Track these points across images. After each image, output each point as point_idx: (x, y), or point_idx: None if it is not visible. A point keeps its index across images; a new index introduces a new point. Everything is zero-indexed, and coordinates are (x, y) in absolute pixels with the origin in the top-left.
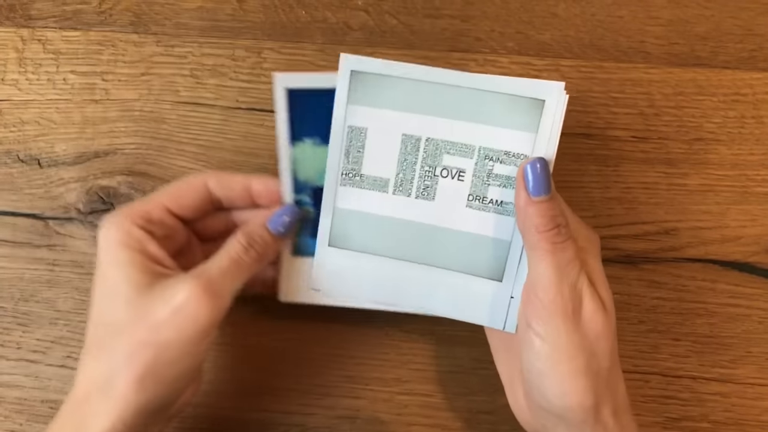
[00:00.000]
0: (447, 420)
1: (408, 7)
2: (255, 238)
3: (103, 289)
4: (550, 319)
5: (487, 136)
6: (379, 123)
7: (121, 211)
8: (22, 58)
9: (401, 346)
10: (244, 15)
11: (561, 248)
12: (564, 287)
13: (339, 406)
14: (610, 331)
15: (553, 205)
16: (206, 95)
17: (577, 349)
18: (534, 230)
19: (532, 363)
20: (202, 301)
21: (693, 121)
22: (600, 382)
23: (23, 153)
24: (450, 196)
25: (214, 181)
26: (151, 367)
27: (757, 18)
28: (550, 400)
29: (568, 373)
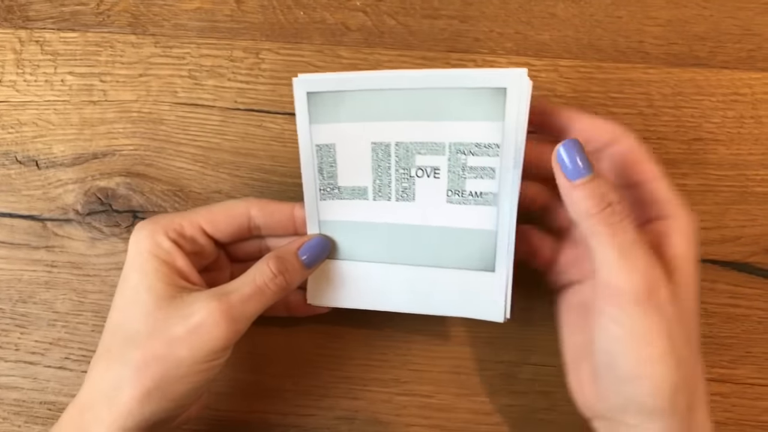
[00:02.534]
0: (446, 421)
1: (406, 7)
2: (286, 266)
3: (125, 296)
4: (623, 306)
5: (455, 131)
6: (345, 137)
7: (155, 220)
8: (20, 59)
9: (400, 347)
10: (242, 16)
11: (621, 229)
12: (633, 273)
13: (337, 407)
14: (691, 314)
15: (598, 184)
16: (204, 96)
17: (655, 334)
18: (585, 215)
19: (604, 345)
20: (220, 325)
21: (692, 121)
22: (681, 369)
23: (21, 154)
24: (429, 194)
25: (256, 209)
26: (158, 382)
27: (755, 18)
28: (623, 385)
29: (645, 359)
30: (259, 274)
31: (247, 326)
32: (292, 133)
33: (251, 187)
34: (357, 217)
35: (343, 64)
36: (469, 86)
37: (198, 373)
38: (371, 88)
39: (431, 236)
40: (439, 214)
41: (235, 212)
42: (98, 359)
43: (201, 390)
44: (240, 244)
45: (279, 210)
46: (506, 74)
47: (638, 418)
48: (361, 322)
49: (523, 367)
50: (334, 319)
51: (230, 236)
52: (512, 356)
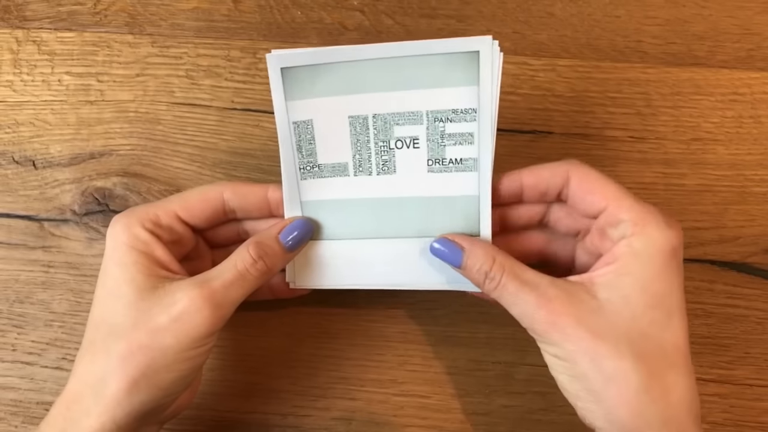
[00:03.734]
0: (443, 421)
1: (404, 6)
2: (266, 251)
3: (106, 289)
4: (540, 341)
5: (431, 99)
6: (322, 112)
7: (131, 212)
8: (17, 59)
9: (397, 347)
10: (239, 15)
11: (502, 287)
12: (526, 316)
13: (334, 407)
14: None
15: (470, 264)
16: (201, 96)
17: (575, 356)
18: (481, 288)
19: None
20: (203, 311)
21: (690, 120)
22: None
23: (18, 154)
24: (410, 165)
25: (229, 192)
26: (145, 371)
27: (754, 17)
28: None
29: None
30: (240, 260)
31: (230, 312)
32: None
33: None
34: (339, 195)
35: None
36: (442, 52)
37: (184, 360)
38: (346, 59)
39: (415, 207)
40: (421, 184)
41: (208, 196)
42: (83, 353)
43: (189, 378)
44: (218, 229)
45: (252, 192)
46: (477, 40)
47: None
48: (359, 321)
49: (520, 367)
50: (331, 319)
51: (206, 221)
52: (509, 357)
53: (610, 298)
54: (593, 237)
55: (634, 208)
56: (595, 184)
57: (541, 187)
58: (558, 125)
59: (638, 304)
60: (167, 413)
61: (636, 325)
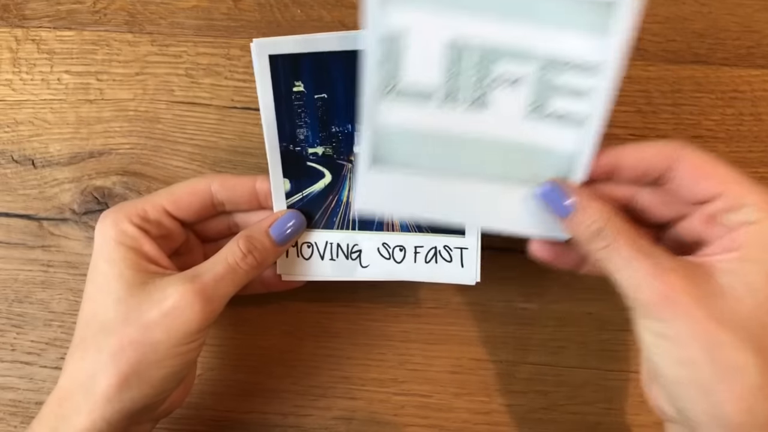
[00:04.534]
0: (444, 421)
1: None
2: (255, 245)
3: (95, 285)
4: (642, 316)
5: (547, 39)
6: (420, 26)
7: (119, 208)
8: (16, 58)
9: (398, 347)
10: (239, 14)
11: (614, 250)
12: (637, 286)
13: (335, 407)
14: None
15: (583, 216)
16: (201, 95)
17: (683, 339)
18: (583, 244)
19: (647, 353)
20: (193, 305)
21: (691, 118)
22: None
23: (17, 153)
24: (505, 106)
25: (217, 185)
26: (136, 367)
27: (754, 14)
28: (662, 388)
29: (675, 362)
30: (230, 254)
31: (221, 306)
32: None
33: None
34: (418, 124)
35: None
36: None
37: (175, 356)
38: None
39: (500, 151)
40: (514, 129)
41: (196, 190)
42: (74, 350)
43: (180, 374)
44: (209, 223)
45: (240, 184)
46: None
47: (686, 426)
48: (359, 321)
49: (521, 366)
50: (332, 318)
51: (195, 215)
52: (510, 356)
53: (732, 284)
54: (693, 223)
55: (756, 192)
56: (710, 167)
57: (641, 168)
58: None
59: (763, 293)
60: (160, 411)
61: (758, 316)
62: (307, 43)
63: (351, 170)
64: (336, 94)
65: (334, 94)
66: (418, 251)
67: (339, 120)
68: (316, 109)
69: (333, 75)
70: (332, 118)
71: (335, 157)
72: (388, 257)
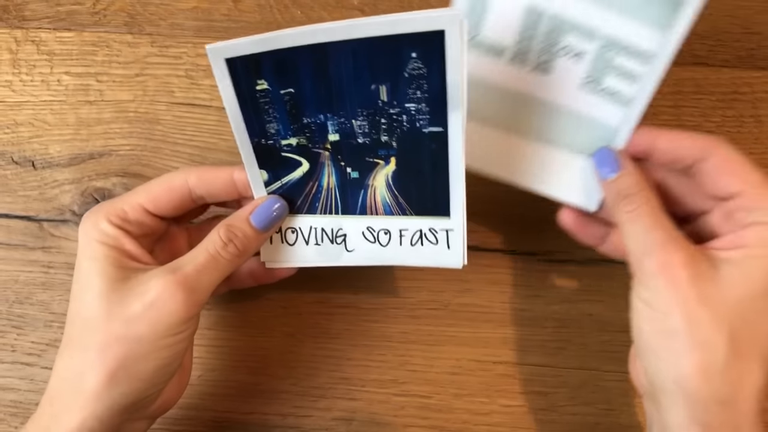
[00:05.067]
0: (444, 421)
1: (404, 6)
2: (236, 233)
3: (79, 284)
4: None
5: (614, 23)
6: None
7: (98, 208)
8: (16, 59)
9: (398, 347)
10: (239, 15)
11: (637, 215)
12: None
13: (335, 408)
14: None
15: (621, 182)
16: (201, 96)
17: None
18: (611, 205)
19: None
20: (176, 296)
21: (691, 120)
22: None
23: (17, 155)
24: (565, 74)
25: (194, 179)
26: (123, 362)
27: (755, 16)
28: (644, 359)
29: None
30: (211, 244)
31: (206, 297)
32: None
33: None
34: (486, 75)
35: None
36: None
37: (162, 349)
38: None
39: (554, 115)
40: (569, 97)
41: (173, 186)
42: (62, 349)
43: (170, 367)
44: (190, 215)
45: (218, 176)
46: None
47: (665, 398)
48: (359, 321)
49: (521, 367)
50: (331, 318)
51: (174, 210)
52: (510, 357)
53: (731, 273)
54: (713, 220)
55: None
56: (738, 166)
57: (674, 154)
58: None
59: (757, 287)
60: (154, 408)
61: (744, 306)
62: (264, 42)
63: (328, 157)
64: (303, 88)
65: (301, 88)
66: (403, 234)
67: (310, 111)
68: (284, 103)
69: (298, 70)
70: (303, 111)
71: (310, 146)
72: (374, 241)
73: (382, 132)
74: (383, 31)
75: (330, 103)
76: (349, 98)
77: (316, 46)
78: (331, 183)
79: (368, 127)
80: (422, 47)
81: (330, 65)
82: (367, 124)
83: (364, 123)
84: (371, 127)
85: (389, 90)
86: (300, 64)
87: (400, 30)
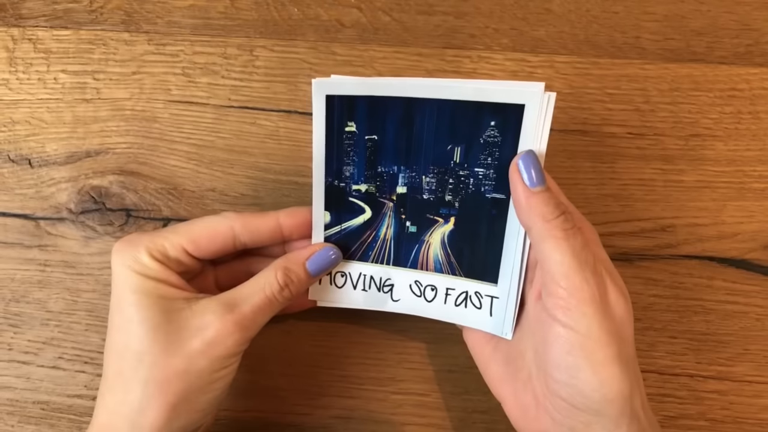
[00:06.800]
0: (442, 419)
1: (401, 3)
2: (293, 279)
3: (124, 316)
4: (578, 306)
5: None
6: None
7: (137, 240)
8: (13, 57)
9: (396, 345)
10: (236, 13)
11: (572, 234)
12: (587, 273)
13: (333, 406)
14: (631, 317)
15: (554, 193)
16: (198, 94)
17: (609, 336)
18: (541, 220)
19: (562, 358)
20: (233, 336)
21: (689, 117)
22: (631, 369)
23: (14, 153)
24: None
25: (239, 226)
26: (183, 395)
27: (753, 13)
28: (587, 395)
29: (604, 361)
30: (268, 286)
31: (256, 333)
32: (287, 131)
33: (246, 185)
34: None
35: (337, 61)
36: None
37: (216, 380)
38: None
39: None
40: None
41: (218, 232)
42: (111, 383)
43: (221, 396)
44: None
45: (263, 224)
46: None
47: (602, 427)
48: (357, 320)
49: None
50: (330, 318)
51: (214, 254)
52: None
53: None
54: None
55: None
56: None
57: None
58: (556, 122)
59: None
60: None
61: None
62: (366, 86)
63: (391, 208)
64: (386, 136)
65: (384, 137)
66: (449, 293)
67: (386, 161)
68: (366, 149)
69: (386, 118)
70: (380, 159)
71: (378, 195)
72: (419, 295)
73: (447, 191)
74: (469, 96)
75: (407, 156)
76: (425, 154)
77: (407, 100)
78: (389, 234)
79: (436, 184)
80: (502, 117)
81: (415, 119)
82: (436, 181)
83: (433, 180)
84: (438, 185)
85: (463, 152)
86: (389, 113)
87: (485, 98)
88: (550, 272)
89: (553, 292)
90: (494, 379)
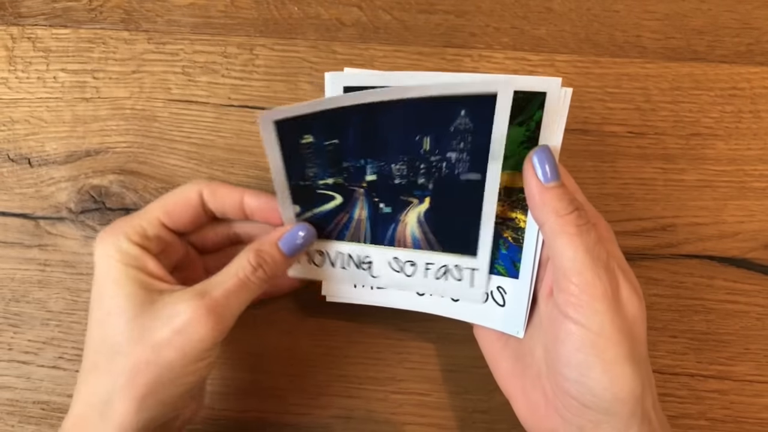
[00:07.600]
0: (442, 419)
1: (401, 2)
2: (265, 258)
3: (103, 309)
4: (590, 303)
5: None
6: None
7: (117, 228)
8: (12, 56)
9: (396, 345)
10: (236, 11)
11: (586, 230)
12: (599, 269)
13: (333, 405)
14: (644, 316)
15: (568, 189)
16: (198, 93)
17: (621, 334)
18: (554, 216)
19: (573, 355)
20: (206, 323)
21: (690, 116)
22: (643, 369)
23: (13, 152)
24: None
25: (207, 192)
26: (152, 387)
27: (754, 11)
28: (597, 394)
29: (615, 360)
30: (240, 269)
31: (233, 321)
32: None
33: (246, 185)
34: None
35: (337, 60)
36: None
37: (189, 374)
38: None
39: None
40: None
41: (187, 198)
42: (86, 375)
43: (194, 391)
44: (206, 233)
45: (229, 196)
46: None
47: (612, 427)
48: (357, 319)
49: None
50: (330, 317)
51: (190, 224)
52: None
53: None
54: None
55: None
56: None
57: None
58: None
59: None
60: (176, 427)
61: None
62: (312, 106)
63: (362, 193)
64: (348, 139)
65: (346, 140)
66: (428, 267)
67: (351, 158)
68: (327, 152)
69: (344, 124)
70: (344, 157)
71: (346, 184)
72: (399, 270)
73: (419, 176)
74: (437, 92)
75: (372, 151)
76: (392, 147)
77: (367, 105)
78: (363, 215)
79: (406, 171)
80: (472, 107)
81: (378, 121)
82: (406, 168)
83: (403, 167)
84: (409, 171)
85: (433, 140)
86: (348, 121)
87: (454, 92)
88: (562, 268)
89: (565, 289)
90: (503, 376)
